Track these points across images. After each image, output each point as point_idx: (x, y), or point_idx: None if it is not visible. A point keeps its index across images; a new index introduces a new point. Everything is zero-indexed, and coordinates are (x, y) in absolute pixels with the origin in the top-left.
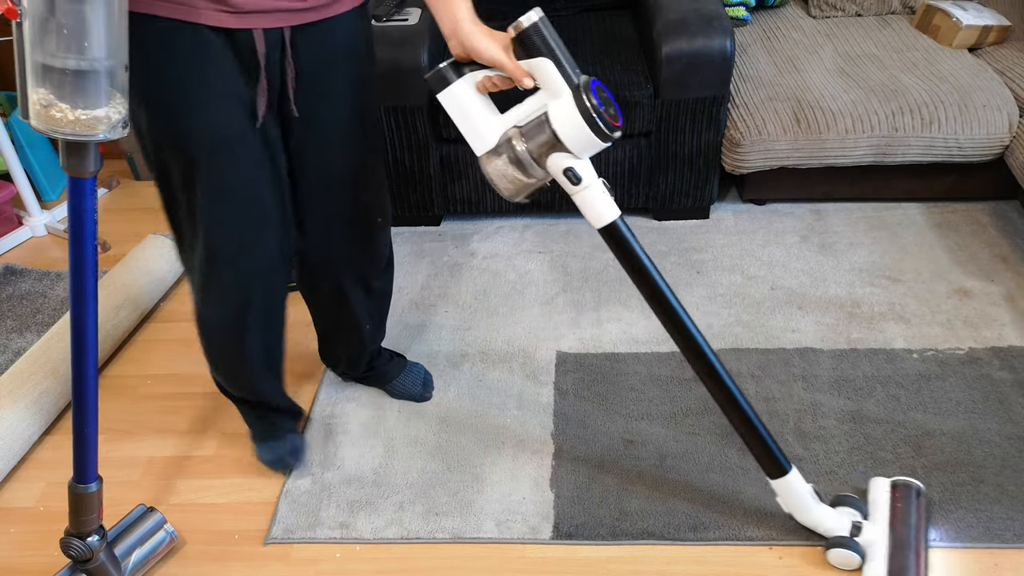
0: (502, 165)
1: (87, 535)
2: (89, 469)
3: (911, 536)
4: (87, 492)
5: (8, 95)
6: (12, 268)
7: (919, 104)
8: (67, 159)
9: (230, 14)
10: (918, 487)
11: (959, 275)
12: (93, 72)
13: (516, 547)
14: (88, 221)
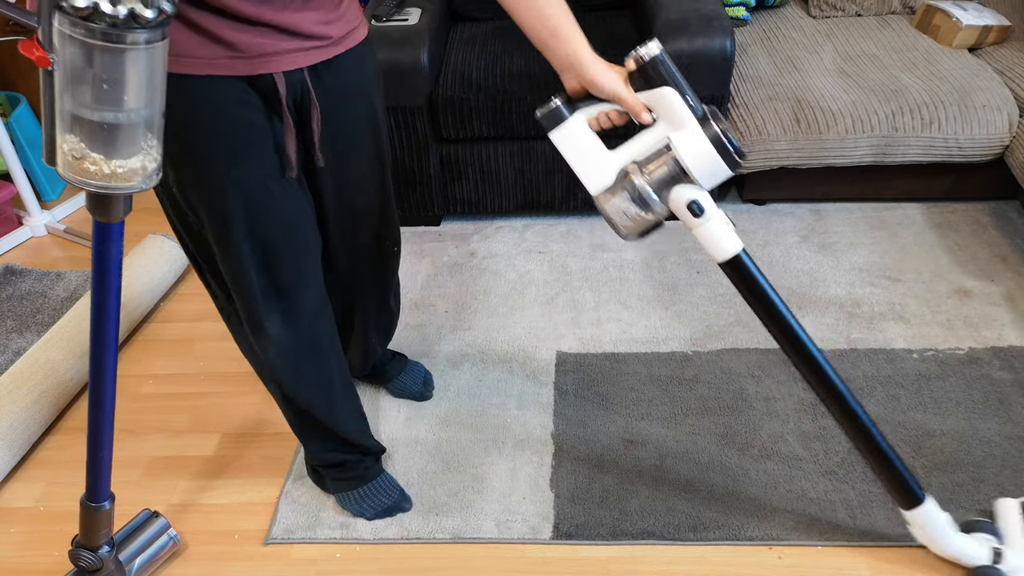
0: (621, 203)
1: (97, 547)
2: (102, 489)
3: None
4: (100, 511)
5: (8, 95)
6: (12, 268)
7: (919, 104)
8: (91, 205)
9: (245, 60)
10: None
11: (959, 275)
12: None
13: (516, 547)
14: (114, 267)
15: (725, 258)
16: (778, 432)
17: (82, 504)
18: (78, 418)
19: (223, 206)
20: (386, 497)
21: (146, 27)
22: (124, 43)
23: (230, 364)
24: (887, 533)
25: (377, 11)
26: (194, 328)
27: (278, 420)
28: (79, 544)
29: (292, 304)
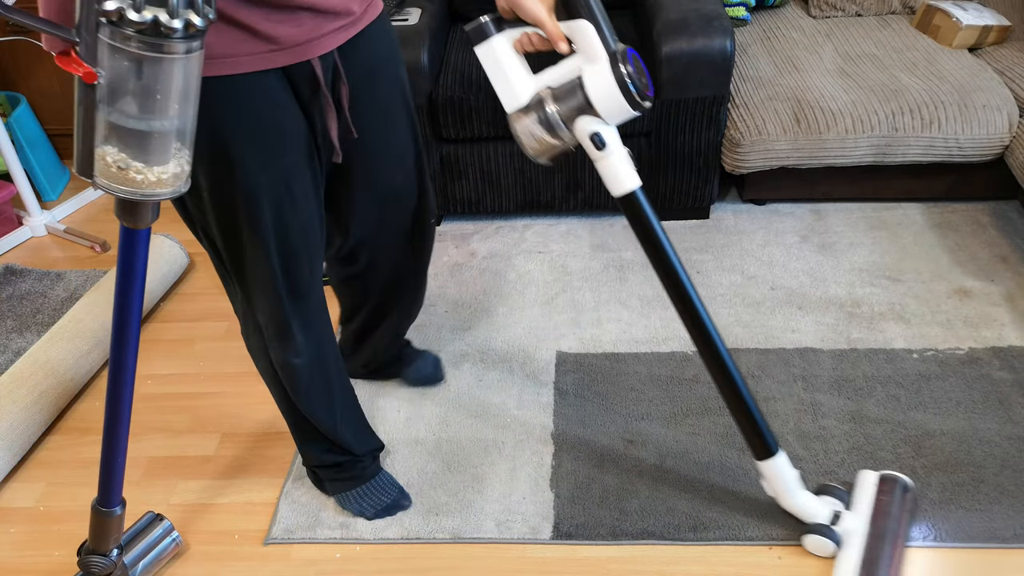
0: (530, 124)
1: (107, 553)
2: (114, 494)
3: (890, 529)
4: (111, 516)
5: (8, 95)
6: (12, 268)
7: (919, 104)
8: (124, 212)
9: (282, 51)
10: (905, 482)
11: (959, 275)
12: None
13: (516, 547)
14: (139, 273)
15: (622, 193)
16: (778, 432)
17: (94, 509)
18: (78, 418)
19: (256, 206)
20: (385, 495)
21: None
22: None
23: (230, 364)
24: None
25: None
26: (194, 328)
27: (278, 420)
28: (89, 551)
29: (306, 307)
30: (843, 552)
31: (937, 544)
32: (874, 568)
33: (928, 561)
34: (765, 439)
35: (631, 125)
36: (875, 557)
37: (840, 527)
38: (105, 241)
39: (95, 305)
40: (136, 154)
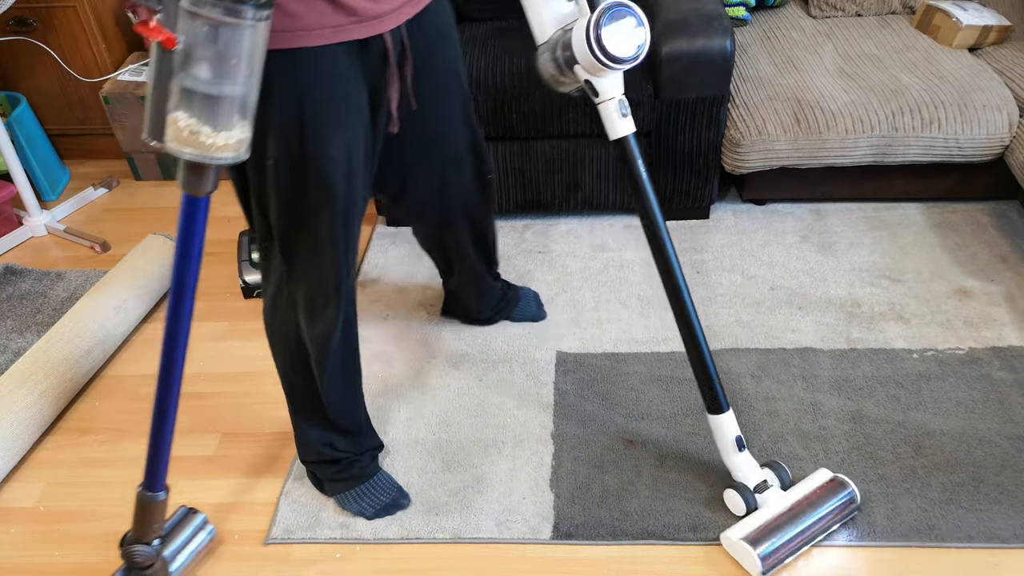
0: (547, 60)
1: (150, 542)
2: (160, 478)
3: (808, 518)
4: (156, 501)
5: (8, 95)
6: (12, 268)
7: (919, 104)
8: (189, 179)
9: (361, 24)
10: (852, 492)
11: (959, 275)
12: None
13: (516, 547)
14: (198, 241)
15: (614, 137)
16: (778, 432)
17: (139, 496)
18: (78, 418)
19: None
20: (384, 495)
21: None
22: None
23: (230, 364)
24: (887, 533)
25: None
26: (194, 328)
27: (278, 420)
28: (132, 540)
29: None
30: (750, 516)
31: (937, 544)
32: (767, 537)
33: (929, 561)
34: (717, 396)
35: None
36: (774, 528)
37: (762, 496)
38: (105, 241)
39: (95, 305)
40: (205, 119)
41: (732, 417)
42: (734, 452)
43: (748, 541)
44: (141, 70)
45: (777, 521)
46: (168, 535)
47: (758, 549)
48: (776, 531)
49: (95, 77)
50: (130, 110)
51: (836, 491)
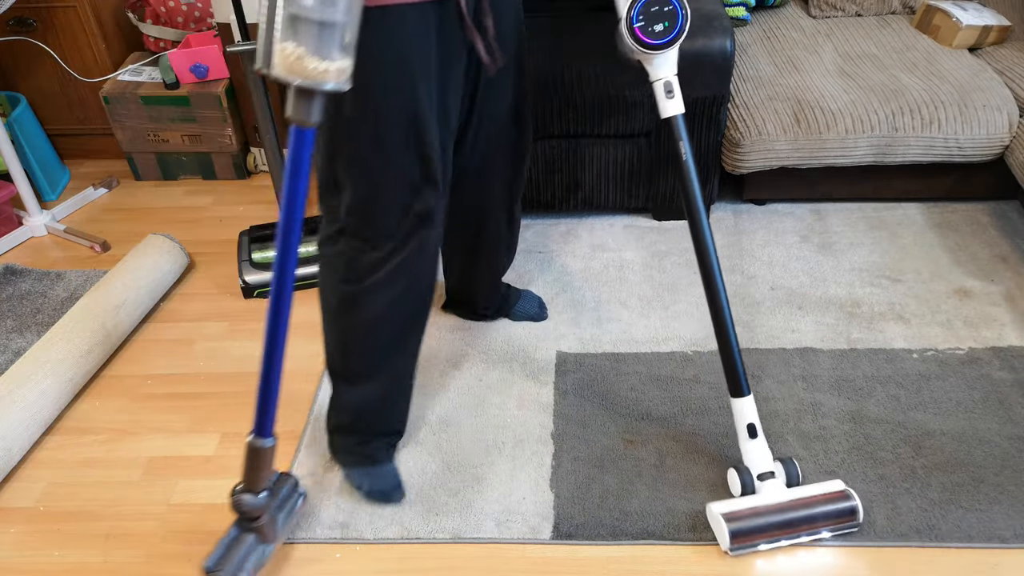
0: (619, 36)
1: (260, 491)
2: (270, 423)
3: (796, 515)
4: (266, 447)
5: (8, 95)
6: (12, 268)
7: (919, 104)
8: (297, 107)
9: None
10: (855, 507)
11: (959, 275)
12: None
13: (516, 547)
14: (304, 173)
15: (663, 117)
16: (778, 432)
17: (249, 445)
18: (78, 418)
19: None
20: (385, 482)
21: None
22: None
23: (230, 364)
24: (887, 533)
25: None
26: (194, 328)
27: (278, 419)
28: (242, 489)
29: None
30: (743, 498)
31: (937, 544)
32: (748, 518)
33: (929, 561)
34: (739, 379)
35: (631, 125)
36: (759, 514)
37: (762, 484)
38: (105, 241)
39: (95, 305)
40: (310, 47)
41: (751, 403)
42: (747, 439)
43: (725, 516)
44: (141, 70)
45: (765, 509)
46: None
47: (731, 525)
48: (759, 516)
49: (95, 77)
50: (130, 110)
51: (837, 500)
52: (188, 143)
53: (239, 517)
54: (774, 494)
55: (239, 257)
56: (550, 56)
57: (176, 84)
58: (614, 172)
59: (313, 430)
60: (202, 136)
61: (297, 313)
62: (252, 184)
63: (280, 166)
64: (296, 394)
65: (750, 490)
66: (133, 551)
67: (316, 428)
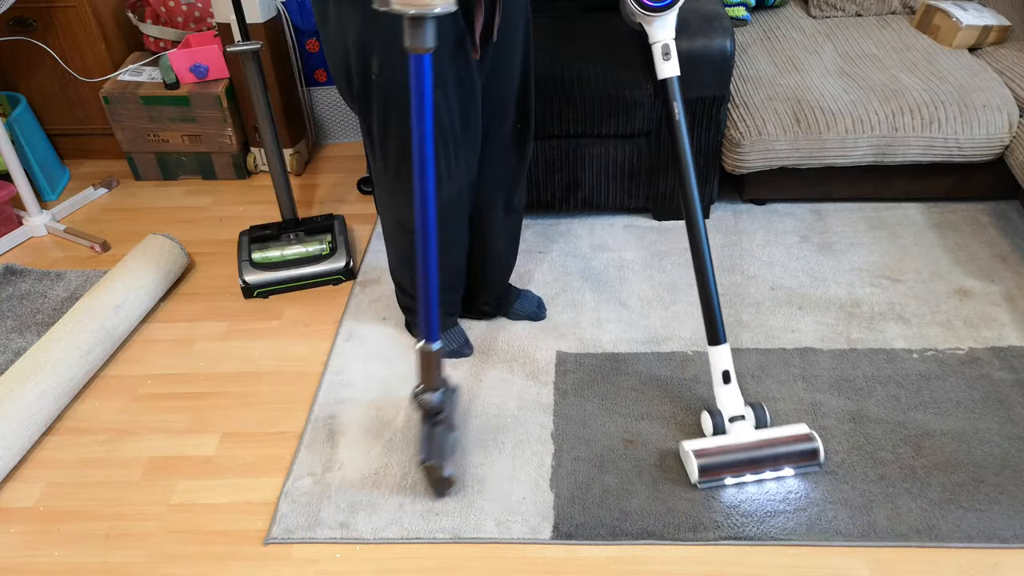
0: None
1: (437, 389)
2: (434, 330)
3: (760, 453)
4: (434, 350)
5: (8, 95)
6: (12, 268)
7: (919, 104)
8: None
9: None
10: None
11: (959, 275)
12: None
13: (516, 547)
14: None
15: (659, 78)
16: None
17: (421, 350)
18: (78, 418)
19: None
20: (453, 342)
21: None
22: None
23: (230, 364)
24: (887, 533)
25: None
26: (194, 328)
27: (278, 420)
28: (422, 390)
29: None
30: (712, 438)
31: (937, 544)
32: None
33: (929, 561)
34: (718, 329)
35: (631, 125)
36: (726, 451)
37: (732, 425)
38: (105, 241)
39: (95, 305)
40: None
41: (727, 351)
42: (721, 384)
43: (695, 453)
44: (141, 70)
45: (733, 447)
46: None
47: (700, 460)
48: (726, 454)
49: (95, 77)
50: (130, 110)
51: (801, 442)
52: (188, 143)
53: (424, 414)
54: (743, 434)
55: (239, 257)
56: (550, 56)
57: (176, 84)
58: (614, 172)
59: (313, 430)
60: (202, 136)
61: (297, 313)
62: (252, 184)
63: (280, 166)
64: (296, 394)
65: (721, 431)
66: (133, 551)
67: (316, 428)
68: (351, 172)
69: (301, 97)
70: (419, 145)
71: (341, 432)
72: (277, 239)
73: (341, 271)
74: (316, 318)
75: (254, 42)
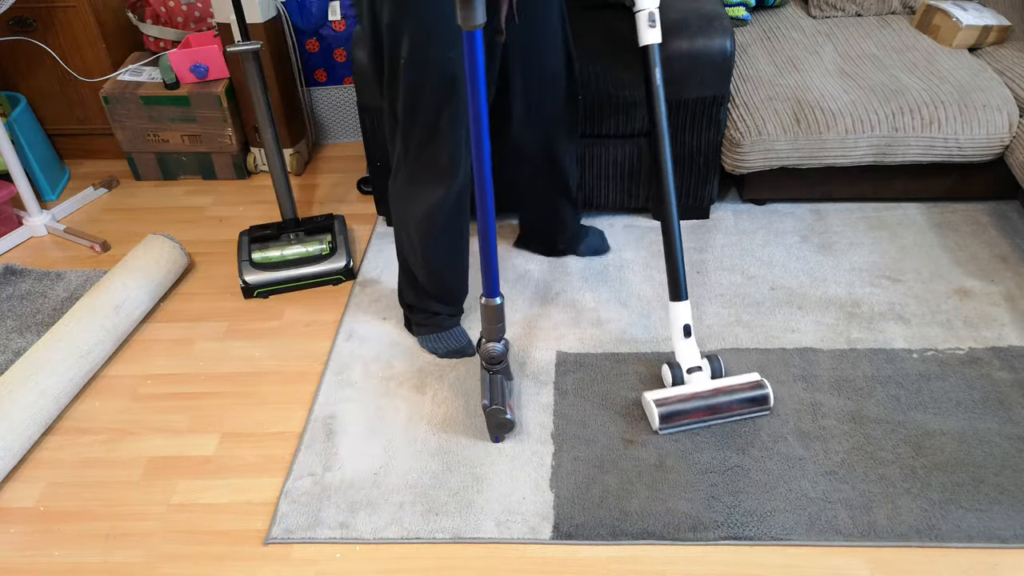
0: None
1: (499, 340)
2: (495, 286)
3: (715, 400)
4: (496, 304)
5: (8, 95)
6: (12, 268)
7: (919, 104)
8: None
9: None
10: (767, 394)
11: (959, 275)
12: None
13: (516, 547)
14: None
15: (641, 44)
16: (778, 432)
17: (484, 304)
18: (78, 418)
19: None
20: (455, 342)
21: None
22: None
23: (230, 364)
24: (887, 533)
25: None
26: (194, 328)
27: (278, 420)
28: (486, 340)
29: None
30: (672, 387)
31: (937, 544)
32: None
33: (929, 561)
34: (680, 286)
35: (631, 125)
36: (685, 400)
37: (691, 376)
38: (105, 241)
39: (95, 305)
40: None
41: (687, 307)
42: (681, 338)
43: (656, 402)
44: (141, 70)
45: (691, 396)
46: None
47: (660, 409)
48: (685, 402)
49: (95, 77)
50: (130, 110)
51: (753, 389)
52: (188, 143)
53: (487, 363)
54: (700, 384)
55: (239, 257)
56: None
57: (176, 84)
58: (614, 172)
59: (313, 430)
60: (202, 136)
61: (297, 313)
62: (252, 184)
63: (280, 166)
64: (296, 394)
65: (680, 381)
66: (133, 551)
67: (316, 428)
68: (351, 172)
69: (301, 97)
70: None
71: (341, 432)
72: (277, 239)
73: (341, 271)
74: (316, 318)
75: (254, 42)
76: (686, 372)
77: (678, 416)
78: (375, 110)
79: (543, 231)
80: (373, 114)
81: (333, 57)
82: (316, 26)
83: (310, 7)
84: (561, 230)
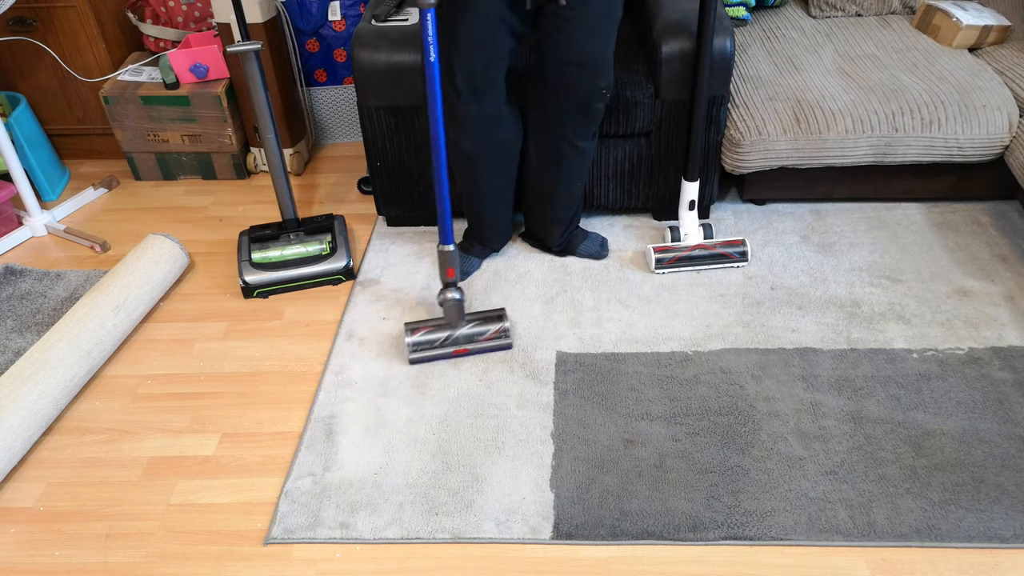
0: None
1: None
2: (449, 233)
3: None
4: (450, 250)
5: (8, 95)
6: (12, 268)
7: (919, 104)
8: None
9: None
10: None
11: (959, 275)
12: None
13: (516, 547)
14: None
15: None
16: (778, 432)
17: (439, 250)
18: (78, 418)
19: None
20: (469, 266)
21: None
22: None
23: (230, 364)
24: (887, 533)
25: (377, 11)
26: (194, 328)
27: (278, 420)
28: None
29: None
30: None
31: (937, 544)
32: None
33: (929, 561)
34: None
35: (631, 125)
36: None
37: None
38: (105, 241)
39: (95, 305)
40: None
41: (696, 186)
42: (687, 209)
43: (655, 250)
44: (141, 70)
45: (684, 248)
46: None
47: (657, 255)
48: (677, 251)
49: (95, 77)
50: (130, 110)
51: (736, 245)
52: (188, 143)
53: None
54: (692, 241)
55: (239, 257)
56: None
57: (176, 84)
58: (614, 172)
59: (313, 430)
60: (202, 136)
61: (297, 313)
62: (252, 184)
63: (280, 166)
64: (296, 394)
65: (677, 239)
66: (133, 551)
67: (316, 428)
68: (351, 172)
69: (301, 97)
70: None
71: (341, 432)
72: (277, 239)
73: (341, 271)
74: (316, 318)
75: (254, 42)
76: (684, 235)
77: (671, 261)
78: (375, 110)
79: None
80: (373, 114)
81: (333, 57)
82: (316, 26)
83: (310, 7)
84: (552, 237)
